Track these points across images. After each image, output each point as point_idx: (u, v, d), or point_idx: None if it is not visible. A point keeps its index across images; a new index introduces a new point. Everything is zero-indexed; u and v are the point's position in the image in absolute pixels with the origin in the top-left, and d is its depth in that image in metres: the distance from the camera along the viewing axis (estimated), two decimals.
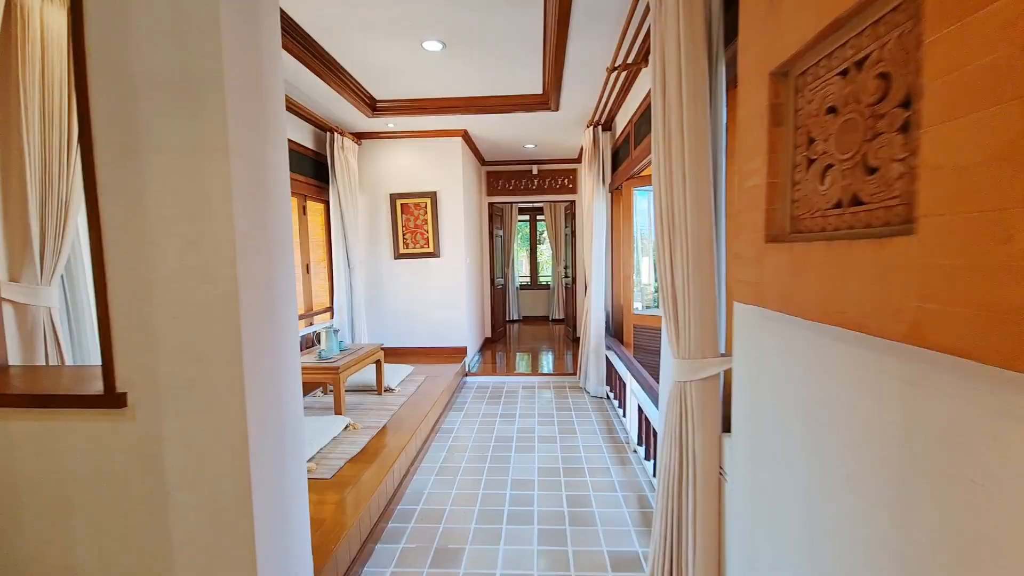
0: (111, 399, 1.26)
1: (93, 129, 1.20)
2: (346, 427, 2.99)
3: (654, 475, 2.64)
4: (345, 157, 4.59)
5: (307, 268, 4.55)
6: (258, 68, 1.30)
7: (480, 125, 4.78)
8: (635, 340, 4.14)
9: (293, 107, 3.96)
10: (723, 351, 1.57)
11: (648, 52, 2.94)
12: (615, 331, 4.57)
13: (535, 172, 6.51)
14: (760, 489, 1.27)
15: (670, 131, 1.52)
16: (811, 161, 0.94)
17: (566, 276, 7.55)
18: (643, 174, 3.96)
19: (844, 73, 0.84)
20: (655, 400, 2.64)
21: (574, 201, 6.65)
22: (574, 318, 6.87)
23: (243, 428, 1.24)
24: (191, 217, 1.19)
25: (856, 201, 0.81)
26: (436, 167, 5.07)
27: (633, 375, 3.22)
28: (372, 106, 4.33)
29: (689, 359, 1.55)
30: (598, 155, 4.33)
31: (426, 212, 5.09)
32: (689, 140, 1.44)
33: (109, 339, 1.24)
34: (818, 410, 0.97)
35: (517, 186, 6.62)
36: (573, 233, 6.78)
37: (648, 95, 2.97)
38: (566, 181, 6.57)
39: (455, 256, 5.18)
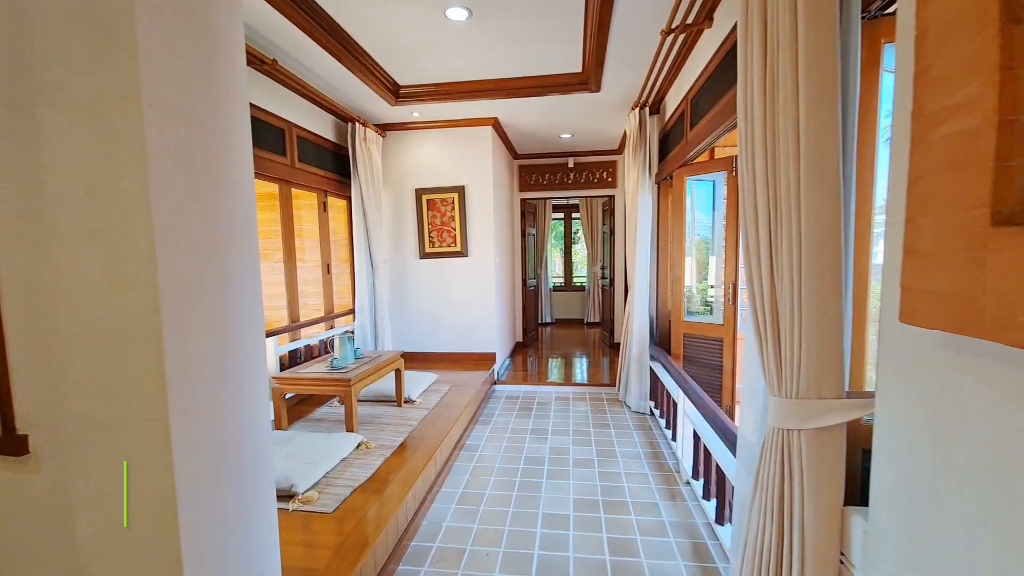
0: (9, 443, 0.94)
1: None
2: (358, 445, 2.67)
3: (717, 522, 2.17)
4: (368, 149, 4.30)
5: (328, 268, 4.29)
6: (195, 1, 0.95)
7: (512, 112, 4.39)
8: (685, 351, 3.63)
9: (312, 95, 3.70)
10: (847, 389, 1.11)
11: (713, 10, 2.47)
12: (660, 339, 4.08)
13: (571, 165, 6.07)
14: None
15: (775, 74, 1.07)
16: None
17: (603, 277, 7.07)
18: (697, 161, 3.46)
19: None
20: (717, 428, 2.17)
21: (613, 196, 6.16)
22: (611, 322, 6.39)
23: (168, 486, 0.90)
24: (94, 197, 0.85)
25: None
26: (464, 159, 4.73)
27: (687, 394, 2.74)
28: (395, 92, 4.02)
29: (797, 399, 1.09)
30: (644, 141, 3.85)
31: (453, 208, 4.75)
32: (807, 83, 0.99)
33: (4, 365, 0.92)
34: None
35: (552, 180, 6.20)
36: (611, 231, 6.29)
37: (716, 57, 2.49)
38: (604, 174, 6.09)
39: (484, 255, 4.82)
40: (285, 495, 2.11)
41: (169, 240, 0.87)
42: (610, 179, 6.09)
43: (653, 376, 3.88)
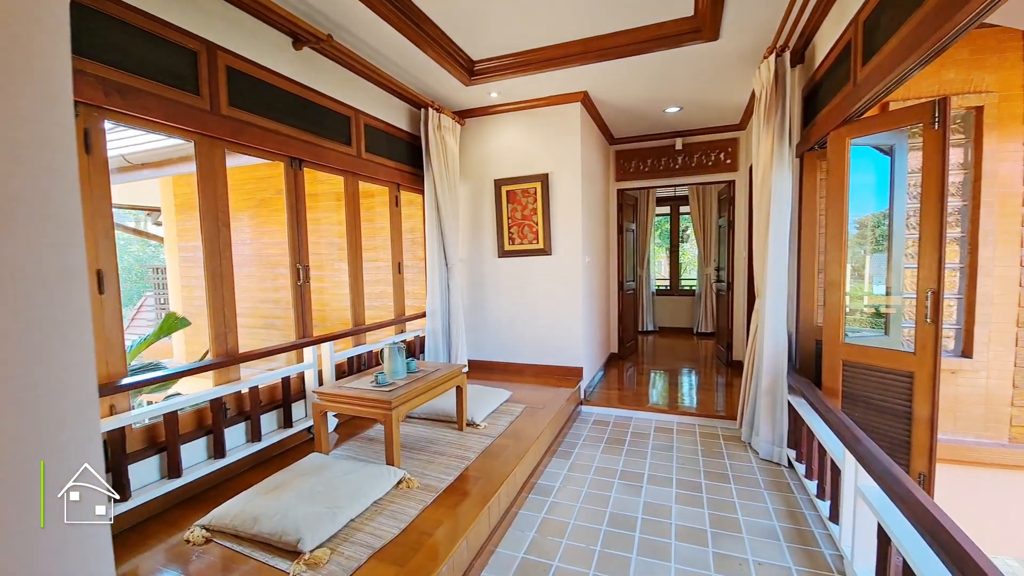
0: None
1: None
2: (398, 483, 2.20)
3: None
4: (441, 137, 3.90)
5: (399, 267, 3.98)
6: None
7: (604, 82, 3.67)
8: (845, 385, 2.60)
9: (379, 78, 3.37)
10: None
11: None
12: (802, 365, 3.04)
13: (679, 147, 5.11)
14: None
15: None
16: None
17: (718, 280, 5.93)
18: (867, 116, 2.43)
19: None
20: (940, 547, 1.26)
21: (732, 182, 5.06)
22: (728, 333, 5.27)
23: None
24: None
25: None
26: (549, 143, 4.11)
27: (862, 460, 1.80)
28: (469, 70, 3.55)
29: None
30: (781, 101, 2.87)
31: (535, 200, 4.16)
32: None
33: None
34: None
35: (655, 167, 5.29)
36: (730, 224, 5.19)
37: None
38: (722, 156, 5.02)
39: (570, 254, 4.14)
40: (290, 551, 1.69)
41: None
42: (729, 161, 5.00)
43: (793, 415, 2.88)
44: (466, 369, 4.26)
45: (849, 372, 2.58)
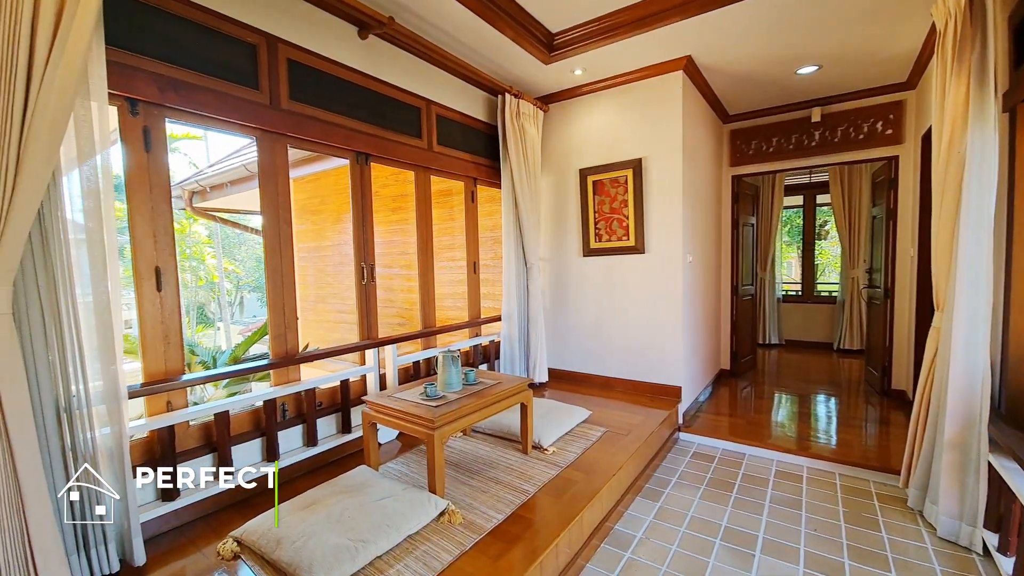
0: None
1: None
2: (440, 515, 1.90)
3: None
4: (520, 125, 3.57)
5: (474, 267, 3.74)
6: None
7: (714, 38, 2.99)
8: None
9: (451, 64, 3.15)
10: None
11: None
12: (1011, 410, 2.10)
13: (816, 119, 4.12)
14: None
15: None
16: None
17: (871, 285, 4.71)
18: None
19: None
20: None
21: (895, 159, 3.93)
22: (884, 353, 4.12)
23: None
24: None
25: None
26: (642, 123, 3.53)
27: None
28: (548, 44, 3.16)
29: None
30: (979, 32, 1.99)
31: (625, 190, 3.61)
32: None
33: None
34: None
35: (782, 146, 4.35)
36: (890, 214, 4.05)
37: None
38: (879, 126, 3.93)
39: (669, 252, 3.52)
40: None
41: None
42: (889, 132, 3.88)
43: (997, 483, 1.98)
44: (544, 379, 3.89)
45: None
